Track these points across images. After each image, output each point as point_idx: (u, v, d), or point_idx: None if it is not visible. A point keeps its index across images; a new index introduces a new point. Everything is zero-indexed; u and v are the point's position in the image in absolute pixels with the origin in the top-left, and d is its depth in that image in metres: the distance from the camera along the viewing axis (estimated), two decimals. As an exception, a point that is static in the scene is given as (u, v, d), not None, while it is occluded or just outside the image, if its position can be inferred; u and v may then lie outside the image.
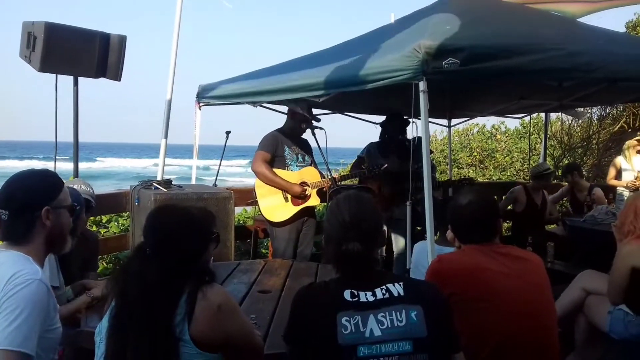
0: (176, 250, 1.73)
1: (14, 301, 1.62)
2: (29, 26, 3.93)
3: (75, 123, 4.36)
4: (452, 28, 3.11)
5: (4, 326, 1.59)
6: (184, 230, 1.77)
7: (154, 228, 1.80)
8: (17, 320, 1.60)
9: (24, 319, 1.61)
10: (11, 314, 1.60)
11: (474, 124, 12.44)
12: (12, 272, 1.68)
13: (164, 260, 1.70)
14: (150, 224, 1.82)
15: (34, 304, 1.65)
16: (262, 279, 3.08)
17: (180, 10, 5.33)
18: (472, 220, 2.26)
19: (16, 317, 1.60)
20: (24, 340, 1.60)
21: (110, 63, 4.34)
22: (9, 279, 1.66)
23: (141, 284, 1.67)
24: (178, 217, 1.83)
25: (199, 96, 5.00)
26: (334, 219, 1.80)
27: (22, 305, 1.62)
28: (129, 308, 1.66)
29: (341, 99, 4.78)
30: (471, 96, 5.44)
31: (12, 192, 1.84)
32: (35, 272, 1.71)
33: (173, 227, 1.78)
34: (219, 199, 4.02)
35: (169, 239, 1.75)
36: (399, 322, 1.65)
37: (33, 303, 1.64)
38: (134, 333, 1.63)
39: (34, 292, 1.66)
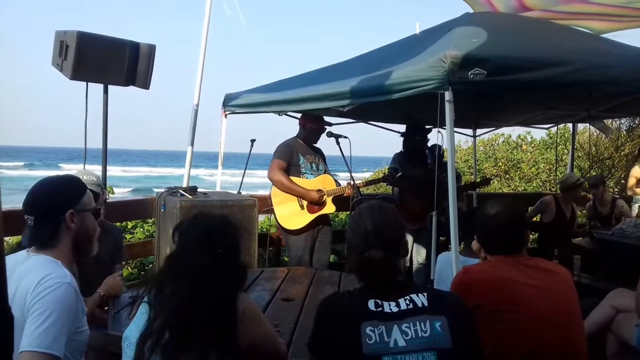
0: (234, 256, 1.73)
1: (43, 304, 1.66)
2: (61, 35, 4.01)
3: (105, 130, 4.44)
4: (478, 40, 3.10)
5: (33, 328, 1.63)
6: (228, 230, 1.77)
7: (194, 227, 1.77)
8: (46, 322, 1.64)
9: (52, 321, 1.65)
10: (40, 317, 1.65)
11: (500, 134, 12.32)
12: (41, 275, 1.72)
13: (224, 269, 1.68)
14: (189, 226, 1.79)
15: (63, 306, 1.68)
16: (285, 287, 3.09)
17: (208, 19, 5.40)
18: (500, 231, 2.24)
19: (45, 320, 1.64)
20: (52, 342, 1.63)
21: (140, 71, 4.40)
22: (39, 282, 1.70)
23: (201, 293, 1.63)
24: (219, 219, 1.82)
25: (224, 104, 5.06)
26: (356, 227, 1.81)
27: (50, 307, 1.66)
28: (184, 319, 1.61)
29: (365, 107, 4.79)
30: (497, 106, 5.40)
31: (36, 197, 1.90)
32: (64, 275, 1.75)
33: (215, 225, 1.77)
34: (243, 207, 4.05)
35: (214, 235, 1.73)
36: (423, 332, 1.64)
37: (61, 306, 1.68)
38: (184, 346, 1.59)
39: (62, 295, 1.70)
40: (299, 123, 4.71)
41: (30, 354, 1.61)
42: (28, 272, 1.75)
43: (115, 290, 2.68)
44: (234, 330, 1.63)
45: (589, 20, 4.82)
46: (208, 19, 5.34)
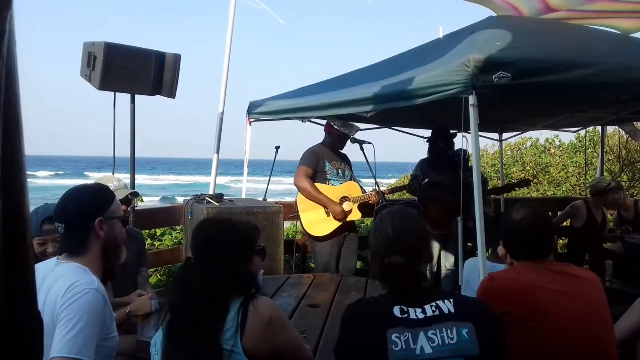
0: (215, 257, 1.77)
1: (72, 310, 1.70)
2: (89, 46, 4.11)
3: (132, 138, 4.52)
4: (501, 43, 3.07)
5: (63, 334, 1.66)
6: (223, 238, 1.82)
7: (196, 236, 1.86)
8: (75, 328, 1.67)
9: (81, 327, 1.68)
10: (69, 323, 1.68)
11: (527, 138, 12.14)
12: (70, 282, 1.75)
13: (204, 267, 1.75)
14: (193, 233, 1.89)
15: (91, 312, 1.72)
16: (311, 293, 3.10)
17: (231, 27, 5.46)
18: (526, 237, 2.20)
19: (74, 326, 1.67)
20: (81, 348, 1.66)
21: (165, 81, 4.48)
22: (67, 289, 1.73)
23: (185, 292, 1.73)
24: (218, 226, 1.89)
25: (249, 112, 5.10)
26: (377, 233, 1.81)
27: (79, 313, 1.69)
28: (178, 318, 1.71)
29: (389, 113, 4.78)
30: (523, 109, 5.33)
31: (66, 205, 1.94)
32: (92, 282, 1.79)
33: (213, 234, 1.84)
34: (268, 213, 4.07)
35: (208, 245, 1.81)
36: (450, 339, 1.63)
37: (90, 312, 1.71)
38: (182, 343, 1.67)
39: (90, 301, 1.73)
40: (325, 129, 4.72)
41: (61, 359, 1.64)
42: (57, 279, 1.79)
43: (142, 309, 2.69)
44: (219, 325, 1.69)
45: (616, 18, 4.72)
46: (232, 26, 5.40)
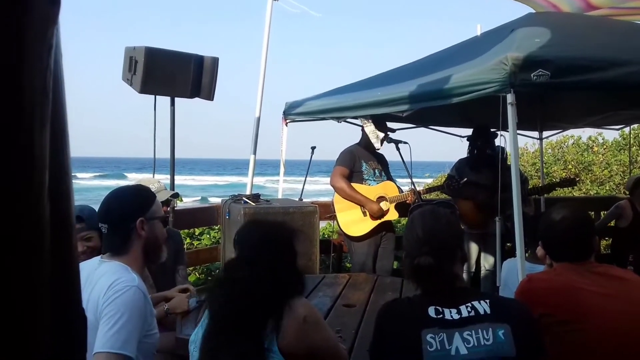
0: (268, 256, 1.77)
1: (114, 307, 1.76)
2: (130, 51, 4.21)
3: (172, 140, 4.62)
4: (540, 41, 3.01)
5: (105, 330, 1.73)
6: (275, 237, 1.84)
7: (248, 235, 1.87)
8: (117, 324, 1.73)
9: (123, 323, 1.74)
10: (111, 319, 1.74)
11: (569, 136, 11.83)
12: (112, 280, 1.82)
13: (254, 265, 1.74)
14: (244, 233, 1.90)
15: (132, 309, 1.77)
16: (346, 293, 3.10)
17: (268, 28, 5.52)
18: (566, 237, 2.16)
19: (116, 322, 1.73)
20: (124, 344, 1.72)
21: (204, 84, 4.56)
22: (109, 287, 1.80)
23: (235, 290, 1.72)
24: (269, 226, 1.91)
25: (285, 113, 5.15)
26: (409, 234, 1.81)
27: (121, 310, 1.75)
28: (225, 316, 1.70)
29: (425, 112, 4.73)
30: (563, 107, 5.21)
31: (109, 206, 2.01)
32: (132, 279, 1.84)
33: (265, 234, 1.85)
34: (304, 213, 4.10)
35: (262, 244, 1.81)
36: (486, 340, 1.61)
37: (131, 308, 1.77)
38: (226, 342, 1.68)
39: (131, 298, 1.78)
40: (362, 129, 4.72)
41: (104, 354, 1.70)
42: (100, 278, 1.86)
43: (180, 308, 2.73)
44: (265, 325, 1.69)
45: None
46: (268, 31, 5.46)
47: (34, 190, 0.44)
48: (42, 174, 0.45)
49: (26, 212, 0.44)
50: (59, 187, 0.49)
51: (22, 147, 0.43)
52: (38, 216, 0.45)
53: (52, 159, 0.46)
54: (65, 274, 0.51)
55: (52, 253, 0.47)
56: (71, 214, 0.54)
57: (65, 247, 0.51)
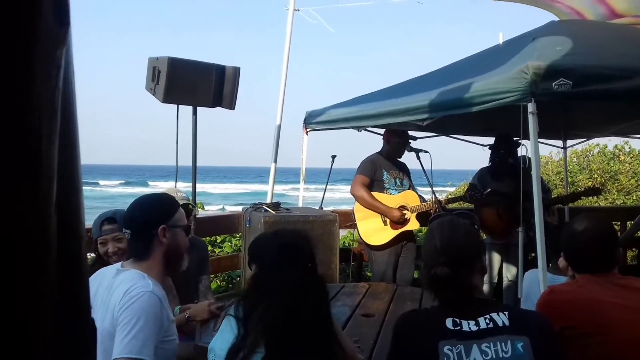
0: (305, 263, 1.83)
1: (129, 313, 1.78)
2: (153, 61, 4.28)
3: (194, 149, 4.67)
4: (562, 49, 2.98)
5: (122, 337, 1.75)
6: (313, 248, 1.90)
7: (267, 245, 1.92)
8: (134, 330, 1.75)
9: (139, 328, 1.76)
10: (127, 325, 1.76)
11: (594, 144, 11.63)
12: (126, 287, 1.85)
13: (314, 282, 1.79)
14: (261, 243, 1.94)
15: (148, 314, 1.79)
16: (365, 303, 3.09)
17: (289, 39, 5.57)
18: (589, 249, 2.12)
19: (132, 327, 1.76)
20: (141, 348, 1.74)
21: (226, 93, 4.59)
22: (125, 293, 1.83)
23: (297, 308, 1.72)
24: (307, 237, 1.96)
25: (305, 122, 5.17)
26: (427, 244, 1.80)
27: (137, 315, 1.78)
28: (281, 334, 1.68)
29: (446, 121, 4.71)
30: (587, 116, 5.13)
31: (133, 213, 2.05)
32: (147, 285, 1.86)
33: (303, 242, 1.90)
34: (324, 222, 4.11)
35: (314, 256, 1.87)
36: (504, 353, 1.59)
37: (147, 313, 1.79)
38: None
39: (146, 303, 1.81)
40: (383, 138, 4.71)
41: None
42: (117, 287, 1.88)
43: (200, 315, 2.72)
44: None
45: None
46: (289, 41, 5.50)
47: (41, 202, 0.46)
48: (49, 187, 0.46)
49: (33, 224, 0.45)
50: (69, 199, 0.51)
51: (29, 162, 0.45)
52: (44, 227, 0.46)
53: (62, 172, 0.48)
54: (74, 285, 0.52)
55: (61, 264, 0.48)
56: (81, 226, 0.55)
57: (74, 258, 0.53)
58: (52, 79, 0.47)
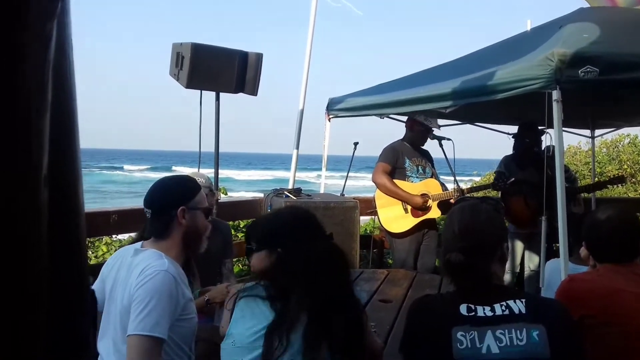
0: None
1: (143, 291, 1.83)
2: (177, 47, 4.31)
3: (217, 134, 4.71)
4: (590, 36, 2.92)
5: (136, 314, 1.80)
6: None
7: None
8: (147, 308, 1.80)
9: (153, 306, 1.80)
10: (141, 303, 1.81)
11: (625, 135, 11.37)
12: (143, 266, 1.89)
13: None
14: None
15: (162, 292, 1.83)
16: (384, 288, 3.10)
17: (313, 24, 5.54)
18: (611, 238, 2.09)
19: (146, 305, 1.80)
20: (154, 326, 1.78)
21: (248, 79, 4.60)
22: (140, 273, 1.87)
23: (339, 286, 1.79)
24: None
25: (328, 108, 5.16)
26: (446, 228, 1.79)
27: (150, 294, 1.82)
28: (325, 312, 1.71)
29: (471, 109, 4.66)
30: (616, 105, 5.01)
31: (154, 193, 2.09)
32: (162, 264, 1.90)
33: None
34: (345, 208, 4.12)
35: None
36: (519, 340, 1.58)
37: (160, 292, 1.83)
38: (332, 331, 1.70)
39: (161, 282, 1.84)
40: (406, 125, 4.67)
41: (136, 337, 1.78)
42: (136, 266, 1.93)
43: (219, 297, 2.73)
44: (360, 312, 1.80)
45: None
46: (312, 26, 5.48)
47: (31, 173, 0.47)
48: (39, 159, 0.47)
49: (22, 193, 0.47)
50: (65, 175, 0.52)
51: (18, 134, 0.46)
52: (34, 197, 0.48)
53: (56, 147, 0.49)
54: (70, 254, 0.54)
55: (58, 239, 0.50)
56: (79, 202, 0.57)
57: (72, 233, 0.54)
58: (42, 52, 0.48)
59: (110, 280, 2.03)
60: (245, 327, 1.72)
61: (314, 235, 1.87)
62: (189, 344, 2.03)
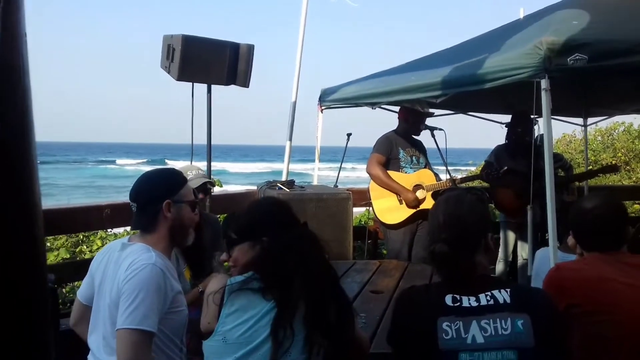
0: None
1: (131, 285, 1.83)
2: (168, 39, 4.27)
3: (209, 127, 4.69)
4: (579, 23, 2.90)
5: (124, 308, 1.80)
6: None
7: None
8: (135, 301, 1.80)
9: (141, 299, 1.80)
10: (129, 297, 1.81)
11: (619, 123, 11.37)
12: (130, 260, 1.89)
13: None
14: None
15: (149, 285, 1.83)
16: (375, 279, 3.11)
17: (305, 14, 5.51)
18: (597, 227, 2.09)
19: (134, 299, 1.80)
20: (142, 319, 1.78)
21: (240, 71, 4.56)
22: (128, 267, 1.87)
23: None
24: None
25: (320, 99, 5.14)
26: (432, 219, 1.79)
27: (138, 287, 1.82)
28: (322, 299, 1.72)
29: (463, 98, 4.65)
30: (608, 93, 5.01)
31: (139, 187, 2.08)
32: (149, 257, 1.90)
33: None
34: (337, 200, 4.12)
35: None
36: (504, 330, 1.59)
37: (148, 285, 1.83)
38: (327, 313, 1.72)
39: (148, 275, 1.84)
40: (398, 116, 4.67)
41: (125, 331, 1.78)
42: (124, 260, 1.93)
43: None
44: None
45: None
46: (304, 16, 5.45)
47: None
48: None
49: None
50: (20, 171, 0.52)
51: None
52: None
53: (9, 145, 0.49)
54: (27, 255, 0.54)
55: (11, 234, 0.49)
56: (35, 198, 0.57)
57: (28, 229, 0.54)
58: None
59: (99, 275, 2.03)
60: (239, 322, 1.68)
61: (294, 223, 1.87)
62: (179, 337, 2.03)
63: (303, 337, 1.64)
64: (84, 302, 2.11)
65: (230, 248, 1.93)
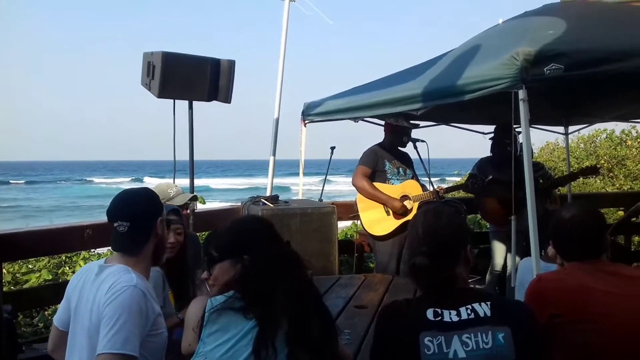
0: None
1: (112, 308, 1.78)
2: (148, 56, 4.26)
3: (191, 143, 4.66)
4: (555, 32, 2.93)
5: (106, 332, 1.76)
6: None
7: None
8: (116, 325, 1.76)
9: (122, 323, 1.76)
10: (110, 320, 1.77)
11: (601, 130, 11.50)
12: (110, 282, 1.85)
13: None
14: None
15: (130, 308, 1.79)
16: (360, 294, 3.09)
17: (285, 31, 5.53)
18: (575, 236, 2.10)
19: (115, 322, 1.76)
20: (124, 343, 1.74)
21: (221, 87, 4.55)
22: (108, 289, 1.83)
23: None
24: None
25: (304, 114, 5.14)
26: (411, 232, 1.79)
27: (119, 310, 1.78)
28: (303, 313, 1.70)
29: (446, 109, 4.65)
30: (587, 100, 5.05)
31: (132, 205, 2.02)
32: (130, 279, 1.86)
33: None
34: (322, 214, 4.10)
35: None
36: (485, 344, 1.58)
37: (129, 308, 1.79)
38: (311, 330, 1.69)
39: (129, 298, 1.80)
40: (384, 129, 4.68)
41: (106, 355, 1.74)
42: (102, 282, 1.88)
43: None
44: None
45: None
46: (285, 33, 5.46)
47: None
48: None
49: None
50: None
51: None
52: None
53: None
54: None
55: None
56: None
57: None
58: None
59: (75, 299, 1.98)
60: (219, 342, 1.65)
61: (276, 241, 1.87)
62: (158, 358, 1.99)
63: (285, 355, 1.61)
64: (61, 327, 2.05)
65: (210, 266, 1.91)
